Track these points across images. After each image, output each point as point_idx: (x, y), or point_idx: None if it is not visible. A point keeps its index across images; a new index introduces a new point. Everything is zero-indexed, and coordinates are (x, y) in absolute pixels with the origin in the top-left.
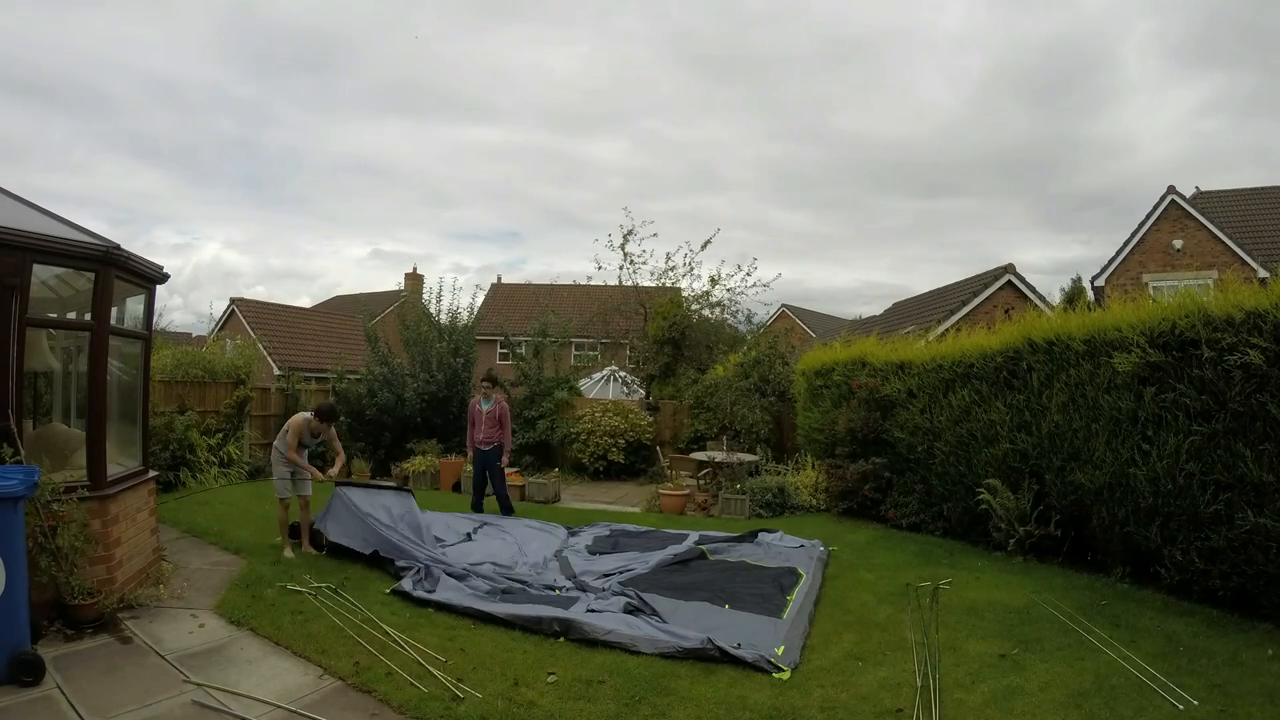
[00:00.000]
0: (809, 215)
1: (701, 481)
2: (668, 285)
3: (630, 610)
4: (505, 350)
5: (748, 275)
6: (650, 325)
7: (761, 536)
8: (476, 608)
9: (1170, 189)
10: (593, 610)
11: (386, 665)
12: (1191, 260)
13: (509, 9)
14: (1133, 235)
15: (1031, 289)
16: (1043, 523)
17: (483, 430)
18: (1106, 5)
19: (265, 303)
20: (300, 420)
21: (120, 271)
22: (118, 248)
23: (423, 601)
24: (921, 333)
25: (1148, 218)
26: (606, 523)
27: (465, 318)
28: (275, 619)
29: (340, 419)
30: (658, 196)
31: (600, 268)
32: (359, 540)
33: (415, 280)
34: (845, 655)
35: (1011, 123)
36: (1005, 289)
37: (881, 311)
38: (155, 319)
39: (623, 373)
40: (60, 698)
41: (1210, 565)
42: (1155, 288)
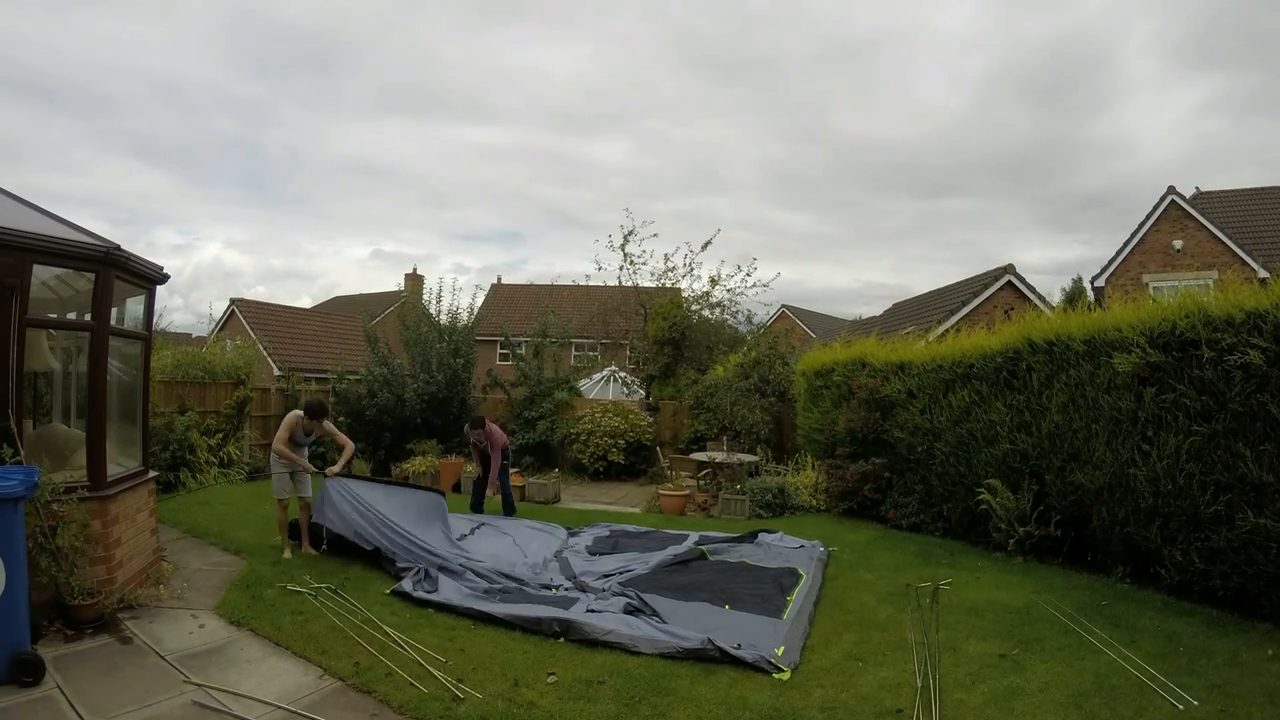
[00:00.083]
0: (810, 215)
1: (701, 482)
2: (668, 286)
3: (630, 610)
4: (505, 351)
5: (748, 276)
6: (650, 326)
7: (761, 537)
8: (476, 608)
9: (1170, 189)
10: (593, 610)
11: (386, 665)
12: (1191, 260)
13: (510, 9)
14: (1133, 235)
15: (1031, 289)
16: (1043, 523)
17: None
18: (1108, 5)
19: (265, 303)
20: (293, 418)
21: (120, 272)
22: (118, 248)
23: (423, 602)
24: (921, 333)
25: (1148, 218)
26: (606, 523)
27: (465, 318)
28: (275, 619)
29: (329, 414)
30: (659, 197)
31: (600, 268)
32: (355, 535)
33: (415, 281)
34: (845, 655)
35: (1012, 123)
36: (1005, 289)
37: (881, 312)
38: (155, 319)
39: (623, 373)
40: (60, 698)
41: (1210, 565)
42: (1155, 288)
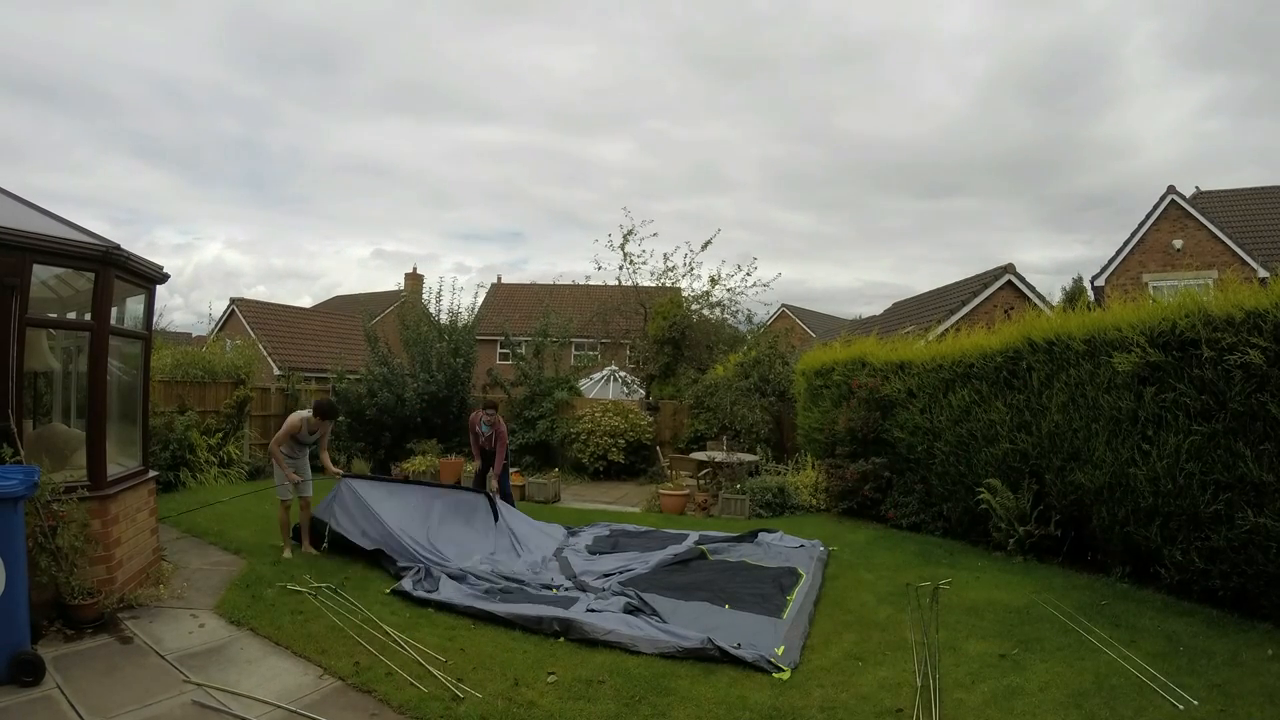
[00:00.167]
0: (812, 215)
1: (701, 481)
2: (667, 285)
3: (630, 610)
4: (505, 350)
5: (748, 275)
6: (650, 325)
7: (761, 536)
8: (477, 607)
9: (1170, 189)
10: (593, 610)
11: (386, 665)
12: (1191, 260)
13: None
14: (1133, 235)
15: (1031, 289)
16: (1043, 523)
17: (480, 448)
18: (1109, 6)
19: (265, 303)
20: (297, 418)
21: (120, 271)
22: (117, 248)
23: (423, 601)
24: (921, 332)
25: (1148, 218)
26: (606, 523)
27: (465, 318)
28: (275, 619)
29: (340, 417)
30: (661, 197)
31: (600, 268)
32: (362, 537)
33: (415, 280)
34: (845, 655)
35: (1014, 123)
36: (1005, 289)
37: (882, 311)
38: (155, 319)
39: (623, 373)
40: (60, 698)
41: (1210, 565)
42: (1155, 288)
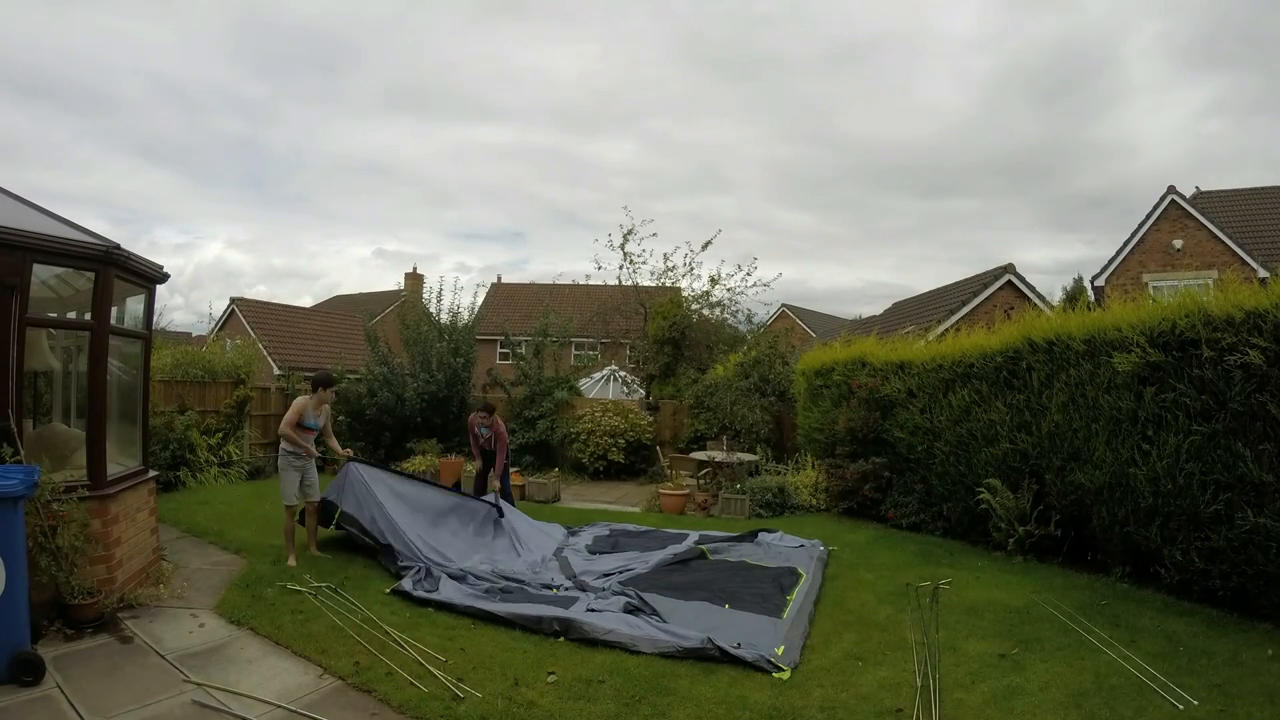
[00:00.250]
0: (814, 215)
1: (701, 481)
2: (668, 285)
3: (630, 610)
4: (505, 350)
5: (748, 275)
6: (650, 325)
7: (761, 536)
8: (477, 607)
9: (1170, 189)
10: (593, 610)
11: (386, 665)
12: (1191, 260)
13: (516, 8)
14: (1133, 235)
15: (1031, 289)
16: (1043, 523)
17: (480, 448)
18: (1111, 7)
19: (265, 302)
20: (300, 401)
21: (120, 271)
22: (118, 247)
23: (423, 601)
24: (921, 332)
25: (1148, 218)
26: (606, 522)
27: (465, 317)
28: (275, 619)
29: (334, 382)
30: (663, 197)
31: (600, 267)
32: (371, 523)
33: (415, 280)
34: (845, 655)
35: (1016, 124)
36: (1005, 289)
37: (882, 311)
38: (155, 319)
39: (623, 373)
40: (60, 697)
41: (1210, 565)
42: (1155, 288)
